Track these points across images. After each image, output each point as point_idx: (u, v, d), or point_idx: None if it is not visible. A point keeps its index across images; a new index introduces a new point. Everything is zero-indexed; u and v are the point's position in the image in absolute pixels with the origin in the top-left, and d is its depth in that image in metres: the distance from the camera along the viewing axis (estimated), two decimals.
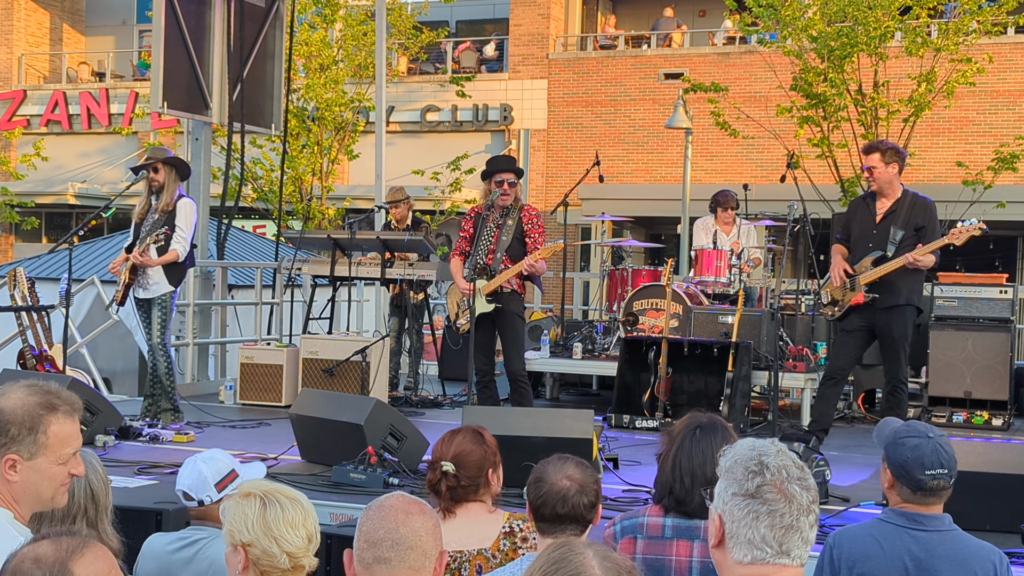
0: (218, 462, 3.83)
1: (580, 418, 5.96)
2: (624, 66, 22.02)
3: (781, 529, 2.19)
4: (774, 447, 2.30)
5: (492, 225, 7.51)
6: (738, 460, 2.28)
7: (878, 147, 7.29)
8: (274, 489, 3.07)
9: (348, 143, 19.13)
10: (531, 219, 7.52)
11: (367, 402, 6.31)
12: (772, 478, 2.22)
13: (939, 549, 3.30)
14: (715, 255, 9.65)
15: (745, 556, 2.21)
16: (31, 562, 2.14)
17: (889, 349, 7.23)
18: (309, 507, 3.07)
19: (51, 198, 24.73)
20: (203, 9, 10.12)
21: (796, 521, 2.20)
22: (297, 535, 2.96)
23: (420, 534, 2.55)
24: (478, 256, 7.47)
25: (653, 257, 19.21)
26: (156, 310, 7.75)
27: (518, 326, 7.60)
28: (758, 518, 2.20)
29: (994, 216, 15.47)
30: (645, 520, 3.43)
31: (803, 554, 2.22)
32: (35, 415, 2.77)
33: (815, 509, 2.24)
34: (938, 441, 3.41)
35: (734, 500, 2.24)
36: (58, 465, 2.81)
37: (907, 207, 7.14)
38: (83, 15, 27.88)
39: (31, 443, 2.76)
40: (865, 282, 7.10)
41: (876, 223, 7.17)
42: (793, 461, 2.28)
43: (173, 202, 7.72)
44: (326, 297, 10.17)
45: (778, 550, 2.19)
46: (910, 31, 14.57)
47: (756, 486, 2.22)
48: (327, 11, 18.48)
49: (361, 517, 2.63)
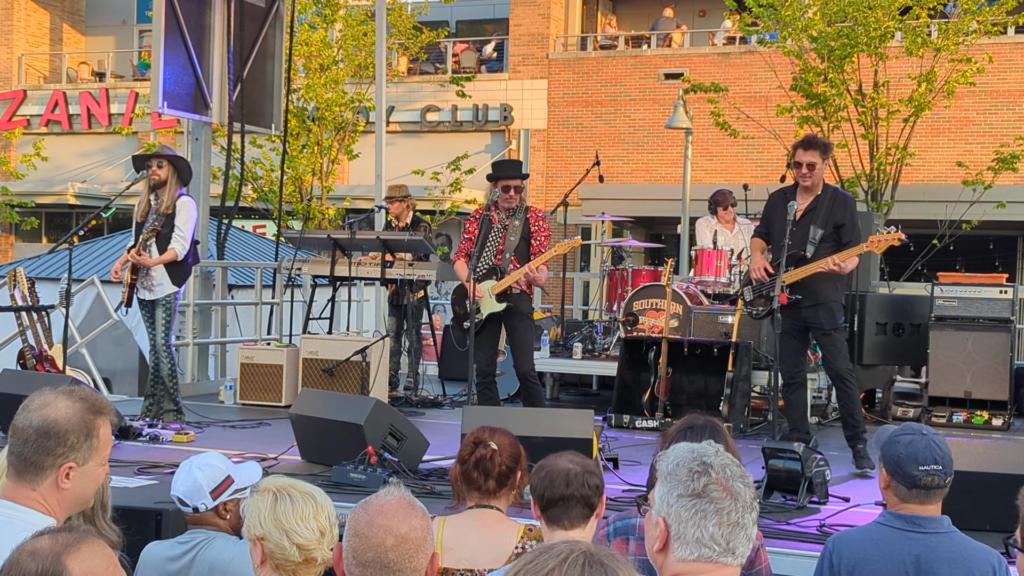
0: (213, 468, 3.81)
1: (580, 418, 5.96)
2: (624, 66, 22.02)
3: (728, 526, 2.21)
4: (712, 448, 2.32)
5: (499, 226, 7.52)
6: (680, 463, 2.29)
7: (819, 143, 7.00)
8: (288, 484, 3.10)
9: (348, 143, 19.13)
10: (537, 221, 7.53)
11: (367, 402, 6.31)
12: (717, 476, 2.24)
13: (939, 551, 3.30)
14: (715, 255, 9.65)
15: (691, 554, 2.22)
16: (28, 555, 2.16)
17: (825, 341, 7.02)
18: (324, 501, 3.08)
19: (51, 198, 24.73)
20: (203, 9, 10.12)
21: (742, 518, 2.22)
22: (307, 528, 2.98)
23: (410, 553, 2.43)
24: (487, 257, 7.49)
25: (653, 257, 19.22)
26: (160, 311, 7.74)
27: (527, 326, 7.61)
28: (706, 516, 2.22)
29: (994, 216, 15.51)
30: (638, 521, 3.44)
31: (745, 552, 2.24)
32: (88, 420, 2.81)
33: (756, 506, 2.27)
34: (932, 438, 3.41)
35: (680, 502, 2.25)
36: (101, 466, 2.88)
37: (827, 204, 6.91)
38: (83, 15, 27.88)
39: (87, 448, 2.81)
40: (788, 282, 6.83)
41: (796, 220, 6.89)
42: (732, 460, 2.30)
43: (173, 203, 7.70)
44: (326, 297, 10.17)
45: (725, 547, 2.21)
46: (910, 31, 14.57)
47: (703, 485, 2.24)
48: (327, 11, 18.48)
49: (349, 522, 2.50)
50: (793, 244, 6.88)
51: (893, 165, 14.90)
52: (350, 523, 2.49)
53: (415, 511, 2.49)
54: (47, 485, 2.78)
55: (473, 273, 7.38)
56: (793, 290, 6.84)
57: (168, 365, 7.80)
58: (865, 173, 14.94)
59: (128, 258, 7.65)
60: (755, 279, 7.13)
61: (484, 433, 3.88)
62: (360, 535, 2.44)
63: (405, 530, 2.44)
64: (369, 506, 2.49)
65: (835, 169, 15.05)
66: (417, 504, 2.53)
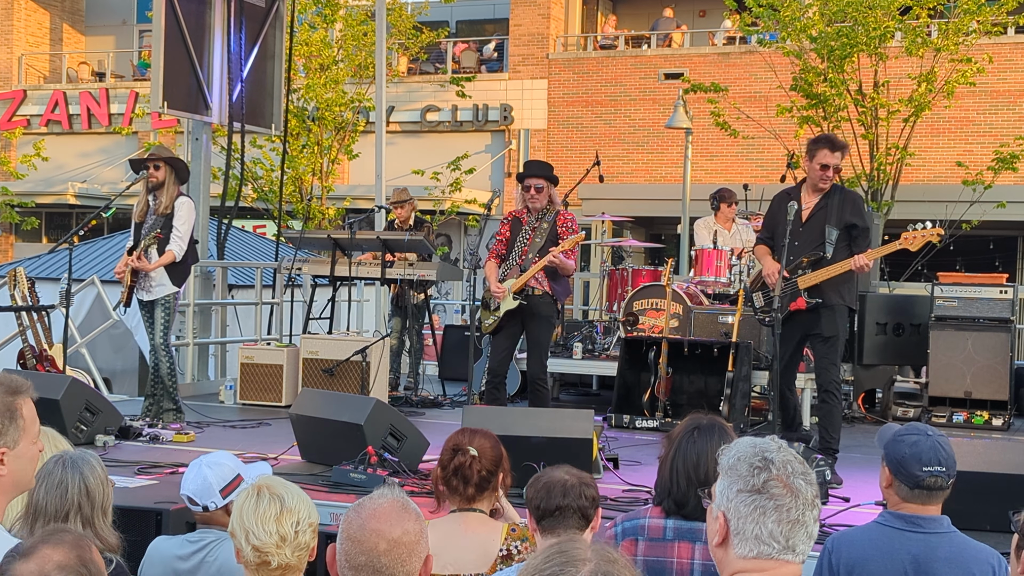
0: (223, 467, 3.81)
1: (580, 418, 5.96)
2: (624, 66, 22.02)
3: (788, 524, 2.19)
4: (775, 444, 2.31)
5: (527, 228, 7.54)
6: (741, 457, 2.28)
7: (844, 145, 6.70)
8: (270, 483, 3.04)
9: (348, 143, 19.12)
10: (565, 223, 7.51)
11: (367, 402, 6.31)
12: (778, 473, 2.23)
13: (938, 551, 3.30)
14: (715, 255, 9.65)
15: (751, 551, 2.21)
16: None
17: (822, 348, 6.65)
18: (296, 506, 2.98)
19: (51, 198, 24.71)
20: (203, 9, 10.12)
21: (802, 516, 2.21)
22: (265, 531, 2.91)
23: (403, 558, 2.41)
24: (512, 258, 7.51)
25: (653, 257, 19.23)
26: (159, 311, 7.75)
27: (545, 330, 7.57)
28: (765, 513, 2.20)
29: (994, 216, 15.50)
30: (646, 522, 3.43)
31: (806, 550, 2.23)
32: (8, 403, 2.77)
33: (818, 504, 2.25)
34: (937, 439, 3.41)
35: (739, 497, 2.23)
36: (33, 444, 2.83)
37: (837, 204, 6.58)
38: (83, 15, 27.88)
39: (14, 431, 2.76)
40: (804, 286, 6.54)
41: (803, 221, 6.60)
42: (795, 456, 2.29)
43: (171, 204, 7.71)
44: (326, 297, 10.17)
45: (784, 545, 2.19)
46: (910, 31, 14.57)
47: (763, 481, 2.22)
48: (327, 11, 18.47)
49: (342, 525, 2.48)
50: (808, 246, 6.58)
51: (893, 165, 14.89)
52: (343, 526, 2.46)
53: (408, 514, 2.47)
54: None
55: (506, 274, 7.41)
56: (811, 294, 6.54)
57: (167, 364, 7.80)
58: (865, 173, 14.93)
59: (128, 262, 7.65)
60: (771, 284, 6.65)
61: (463, 437, 3.85)
62: (352, 539, 2.42)
63: (398, 534, 2.41)
64: (362, 509, 2.47)
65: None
66: (411, 506, 2.50)
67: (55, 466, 3.34)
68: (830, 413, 6.65)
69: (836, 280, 6.57)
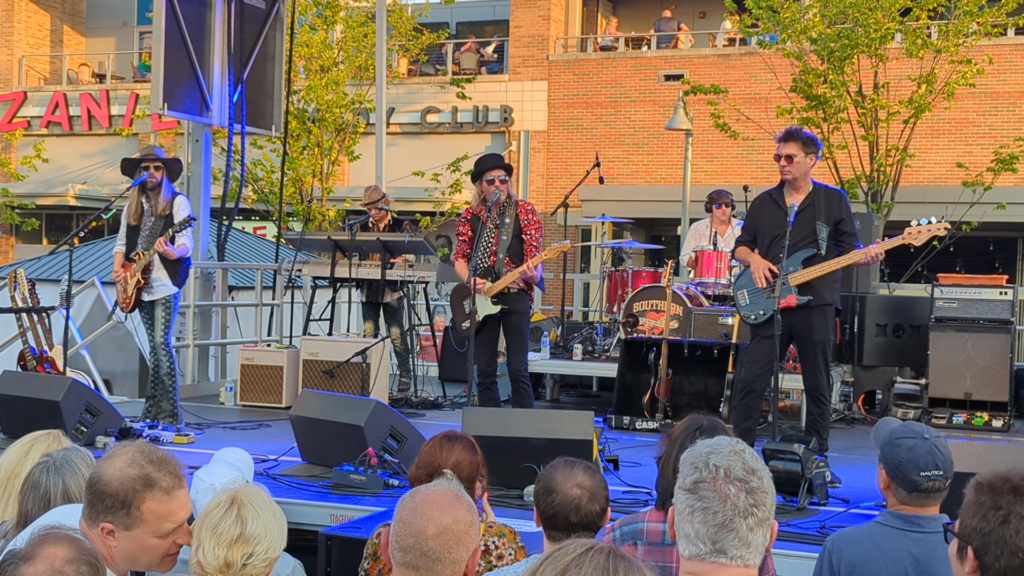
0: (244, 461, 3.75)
1: (580, 419, 5.96)
2: (624, 68, 22.03)
3: (713, 527, 2.19)
4: (731, 447, 2.29)
5: (491, 226, 7.51)
6: (688, 457, 2.30)
7: (800, 136, 6.58)
8: (245, 500, 2.90)
9: (348, 144, 19.14)
10: (527, 215, 7.51)
11: (367, 403, 6.31)
12: (709, 475, 2.23)
13: (938, 551, 3.30)
14: (715, 256, 9.65)
15: (684, 551, 2.23)
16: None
17: (810, 353, 6.59)
18: (257, 537, 2.84)
19: (51, 199, 24.73)
20: (203, 11, 10.12)
21: (730, 521, 2.19)
22: (214, 551, 2.80)
23: (450, 545, 2.46)
24: (480, 258, 7.47)
25: (653, 258, 19.22)
26: (160, 310, 7.77)
27: (523, 326, 7.58)
28: (693, 513, 2.22)
29: (994, 217, 15.51)
30: (645, 526, 3.43)
31: (744, 555, 2.19)
32: (129, 491, 2.69)
33: (759, 514, 2.20)
34: (934, 442, 3.40)
35: (679, 494, 2.27)
36: (156, 538, 2.73)
37: (823, 201, 6.54)
38: (83, 17, 27.89)
39: (124, 516, 2.69)
40: (796, 283, 6.47)
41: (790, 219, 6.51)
42: (744, 463, 2.25)
43: (168, 203, 7.74)
44: (326, 298, 10.17)
45: (712, 548, 2.18)
46: (910, 33, 14.57)
47: (693, 482, 2.24)
48: (327, 13, 18.49)
49: (397, 508, 2.55)
50: (800, 244, 6.52)
51: (893, 166, 14.90)
52: (397, 509, 2.55)
53: (461, 504, 2.54)
54: (94, 534, 2.70)
55: (474, 273, 7.38)
56: (802, 291, 6.49)
57: (167, 364, 7.81)
58: (865, 174, 14.95)
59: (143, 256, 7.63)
60: (759, 283, 6.57)
61: (439, 454, 3.76)
62: (404, 521, 2.50)
63: (448, 521, 2.48)
64: (416, 494, 2.56)
65: (835, 170, 15.06)
66: (464, 498, 2.58)
67: (40, 474, 3.26)
68: (821, 418, 6.65)
69: (827, 279, 6.55)
